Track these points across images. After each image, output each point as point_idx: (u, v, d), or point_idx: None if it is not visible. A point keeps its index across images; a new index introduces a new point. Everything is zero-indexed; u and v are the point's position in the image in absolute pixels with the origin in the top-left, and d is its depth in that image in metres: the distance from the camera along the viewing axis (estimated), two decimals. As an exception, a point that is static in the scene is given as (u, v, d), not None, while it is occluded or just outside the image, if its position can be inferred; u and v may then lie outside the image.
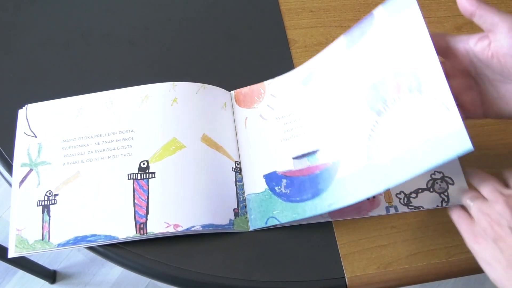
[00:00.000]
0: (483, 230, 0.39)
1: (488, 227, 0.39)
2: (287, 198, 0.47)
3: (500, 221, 0.38)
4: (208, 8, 0.64)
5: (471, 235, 0.40)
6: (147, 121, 0.51)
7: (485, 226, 0.39)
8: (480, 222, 0.40)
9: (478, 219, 0.40)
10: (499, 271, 0.38)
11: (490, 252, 0.38)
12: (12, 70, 0.57)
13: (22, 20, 0.61)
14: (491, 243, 0.38)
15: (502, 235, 0.38)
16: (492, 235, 0.38)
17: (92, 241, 0.46)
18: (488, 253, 0.38)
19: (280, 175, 0.49)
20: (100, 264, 1.14)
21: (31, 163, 0.50)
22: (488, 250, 0.38)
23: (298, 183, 0.48)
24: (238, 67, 0.59)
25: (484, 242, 0.39)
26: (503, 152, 0.54)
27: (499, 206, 0.39)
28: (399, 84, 0.42)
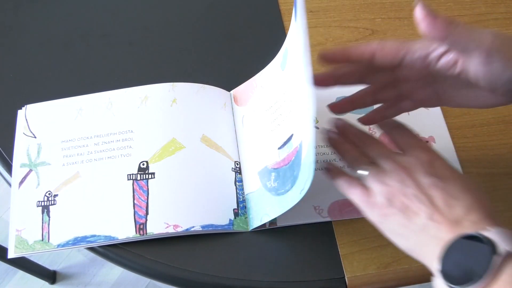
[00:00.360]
0: (388, 200, 0.37)
1: (392, 197, 0.37)
2: (275, 192, 0.46)
3: (404, 190, 0.37)
4: (208, 9, 0.64)
5: (370, 206, 0.38)
6: (146, 122, 0.51)
7: (389, 197, 0.37)
8: (381, 193, 0.38)
9: (377, 190, 0.38)
10: (411, 239, 0.36)
11: (397, 222, 0.37)
12: (12, 71, 0.57)
13: (21, 21, 0.61)
14: (397, 213, 0.37)
15: (409, 204, 0.36)
16: (398, 205, 0.37)
17: (91, 241, 0.46)
18: (396, 223, 0.37)
19: (270, 169, 0.48)
20: (100, 264, 1.14)
21: (30, 164, 0.50)
22: (395, 220, 0.37)
23: (282, 174, 0.46)
24: (238, 67, 0.59)
25: (390, 212, 0.37)
26: (502, 152, 0.54)
27: (398, 174, 0.38)
28: None
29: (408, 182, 0.37)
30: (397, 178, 0.38)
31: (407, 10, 0.65)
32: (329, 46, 0.61)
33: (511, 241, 0.32)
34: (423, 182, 0.37)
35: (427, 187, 0.37)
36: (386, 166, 0.39)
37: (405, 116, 0.56)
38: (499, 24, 0.64)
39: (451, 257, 0.33)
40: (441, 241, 0.34)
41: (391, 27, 0.64)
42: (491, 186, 0.51)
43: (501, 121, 0.56)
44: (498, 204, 0.50)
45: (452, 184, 0.37)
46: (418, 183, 0.37)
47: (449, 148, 0.53)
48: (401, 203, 0.37)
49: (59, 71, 0.57)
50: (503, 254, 0.31)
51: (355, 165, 0.41)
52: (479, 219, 0.35)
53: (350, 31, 0.63)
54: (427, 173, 0.37)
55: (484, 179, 0.52)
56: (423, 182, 0.37)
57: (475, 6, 0.66)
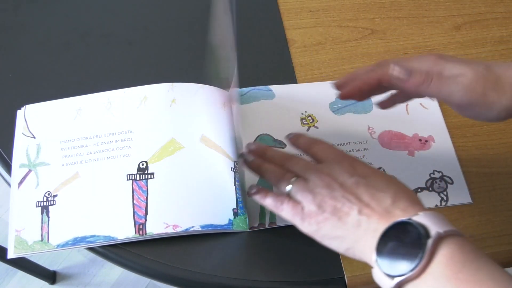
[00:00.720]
0: (318, 207, 0.38)
1: (321, 203, 0.38)
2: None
3: (332, 193, 0.38)
4: (207, 8, 0.64)
5: (302, 218, 0.39)
6: (146, 122, 0.51)
7: (319, 204, 0.38)
8: (309, 203, 0.38)
9: (307, 199, 0.39)
10: (348, 238, 0.37)
11: (332, 225, 0.37)
12: (11, 71, 0.57)
13: (21, 21, 0.61)
14: (330, 217, 0.37)
15: (339, 206, 0.37)
16: (329, 209, 0.37)
17: (91, 242, 0.46)
18: (331, 227, 0.37)
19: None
20: (100, 264, 1.14)
21: (30, 164, 0.50)
22: (329, 224, 0.37)
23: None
24: (238, 67, 0.59)
25: (322, 218, 0.38)
26: (502, 151, 0.54)
27: (322, 180, 0.39)
28: None
29: (334, 185, 0.38)
30: (322, 184, 0.39)
31: (406, 10, 0.65)
32: (328, 46, 0.61)
33: (441, 223, 0.33)
34: (348, 182, 0.38)
35: (352, 186, 0.38)
36: (310, 176, 0.40)
37: (405, 116, 0.56)
38: (499, 23, 0.64)
39: (386, 246, 0.34)
40: (376, 232, 0.35)
41: (391, 26, 0.64)
42: (490, 185, 0.51)
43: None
44: (498, 203, 0.50)
45: (375, 179, 0.38)
46: (343, 184, 0.38)
47: (449, 147, 0.53)
48: (331, 206, 0.38)
49: (58, 71, 0.57)
50: (434, 237, 0.32)
51: (279, 182, 0.41)
52: (407, 206, 0.36)
53: (349, 31, 0.63)
54: (349, 174, 0.39)
55: (483, 178, 0.52)
56: (347, 182, 0.38)
57: (475, 6, 0.66)
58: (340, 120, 0.55)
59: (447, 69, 0.41)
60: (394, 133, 0.54)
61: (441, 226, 0.33)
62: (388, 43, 0.62)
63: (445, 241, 0.33)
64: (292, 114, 0.55)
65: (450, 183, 0.51)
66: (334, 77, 0.58)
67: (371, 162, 0.52)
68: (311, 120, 0.54)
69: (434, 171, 0.52)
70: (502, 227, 0.49)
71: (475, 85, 0.40)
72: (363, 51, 0.61)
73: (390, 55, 0.61)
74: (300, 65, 0.59)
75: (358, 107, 0.56)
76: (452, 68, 0.41)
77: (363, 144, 0.53)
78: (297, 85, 0.57)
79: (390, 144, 0.53)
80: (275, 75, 0.58)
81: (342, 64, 0.60)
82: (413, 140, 0.54)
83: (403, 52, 0.61)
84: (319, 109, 0.55)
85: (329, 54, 0.60)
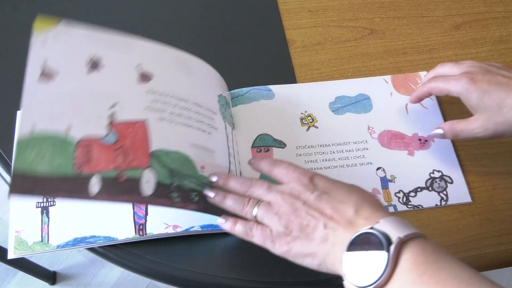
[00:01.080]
0: (285, 228, 0.39)
1: (288, 223, 0.39)
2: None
3: (296, 212, 0.39)
4: (207, 9, 0.65)
5: (273, 241, 0.39)
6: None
7: (285, 224, 0.39)
8: (276, 225, 0.39)
9: (274, 222, 0.39)
10: (318, 253, 0.37)
11: (301, 243, 0.38)
12: (11, 71, 0.57)
13: (21, 21, 0.61)
14: (298, 235, 0.38)
15: (305, 223, 0.38)
16: (296, 227, 0.38)
17: (91, 242, 0.46)
18: (301, 246, 0.38)
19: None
20: (100, 265, 1.14)
21: (30, 165, 0.50)
22: (299, 243, 0.38)
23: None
24: (237, 67, 0.59)
25: (291, 238, 0.38)
26: (502, 151, 0.54)
27: (285, 200, 0.39)
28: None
29: (297, 204, 0.39)
30: (286, 205, 0.39)
31: (405, 10, 0.65)
32: (328, 46, 0.61)
33: (401, 228, 0.34)
34: (310, 198, 0.39)
35: (315, 202, 0.39)
36: (273, 198, 0.40)
37: (404, 115, 0.56)
38: (498, 23, 0.64)
39: (352, 259, 0.35)
40: (343, 244, 0.36)
41: (390, 26, 0.64)
42: (490, 185, 0.52)
43: (500, 120, 0.56)
44: (498, 202, 0.50)
45: (336, 192, 0.39)
46: (306, 201, 0.39)
47: (449, 147, 0.53)
48: (298, 225, 0.38)
49: (58, 71, 0.57)
50: (396, 243, 0.33)
51: (244, 209, 0.42)
52: (370, 213, 0.37)
53: (349, 31, 0.63)
54: (310, 190, 0.39)
55: (483, 177, 0.52)
56: (310, 199, 0.39)
57: (474, 5, 0.66)
58: (340, 120, 0.55)
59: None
60: (393, 132, 0.54)
61: (402, 230, 0.34)
62: (387, 43, 0.62)
63: (408, 245, 0.34)
64: (292, 114, 0.55)
65: (450, 183, 0.51)
66: (333, 77, 0.58)
67: (371, 162, 0.52)
68: (311, 120, 0.54)
69: (434, 171, 0.52)
70: (502, 227, 0.49)
71: (491, 132, 0.46)
72: (362, 51, 0.61)
73: (389, 55, 0.61)
74: (299, 65, 0.59)
75: (357, 107, 0.56)
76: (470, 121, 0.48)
77: (362, 144, 0.53)
78: (296, 85, 0.57)
79: (389, 143, 0.53)
80: (274, 75, 0.58)
81: (342, 64, 0.60)
82: (413, 139, 0.54)
83: (403, 52, 0.61)
84: (319, 109, 0.55)
85: (328, 54, 0.60)
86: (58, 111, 0.39)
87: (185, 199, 0.41)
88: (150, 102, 0.43)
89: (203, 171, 0.44)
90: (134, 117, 0.41)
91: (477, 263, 0.48)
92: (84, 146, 0.39)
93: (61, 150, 0.38)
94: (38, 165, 0.37)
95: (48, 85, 0.39)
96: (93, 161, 0.39)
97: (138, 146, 0.40)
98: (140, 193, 0.39)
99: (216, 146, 0.46)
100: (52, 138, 0.38)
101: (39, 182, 0.36)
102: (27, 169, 0.36)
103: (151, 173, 0.40)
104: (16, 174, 0.36)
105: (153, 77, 0.44)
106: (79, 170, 0.38)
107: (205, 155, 0.44)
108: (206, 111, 0.47)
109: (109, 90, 0.42)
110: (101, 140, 0.40)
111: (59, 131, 0.38)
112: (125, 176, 0.39)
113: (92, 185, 0.38)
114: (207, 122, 0.46)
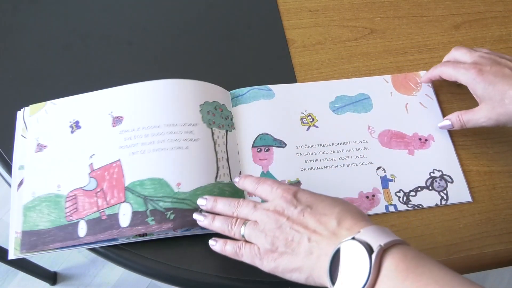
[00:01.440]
0: (271, 245, 0.39)
1: (274, 240, 0.39)
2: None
3: (281, 228, 0.39)
4: (207, 9, 0.65)
5: (261, 258, 0.40)
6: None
7: (271, 241, 0.39)
8: (263, 242, 0.40)
9: (260, 240, 0.40)
10: (304, 267, 0.38)
11: (288, 259, 0.39)
12: (11, 72, 0.57)
13: (21, 22, 0.62)
14: (284, 251, 0.39)
15: (290, 238, 0.39)
16: (282, 243, 0.39)
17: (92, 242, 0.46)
18: (287, 261, 0.39)
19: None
20: (100, 265, 1.14)
21: (30, 165, 0.50)
22: (286, 258, 0.39)
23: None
24: (237, 67, 0.59)
25: (278, 254, 0.39)
26: (502, 150, 0.54)
27: (269, 217, 0.40)
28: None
29: (281, 220, 0.40)
30: (271, 221, 0.40)
31: (405, 9, 0.65)
32: (328, 46, 0.61)
33: (382, 236, 0.35)
34: (294, 214, 0.40)
35: (299, 216, 0.39)
36: (259, 217, 0.41)
37: (404, 115, 0.56)
38: (498, 22, 0.64)
39: (337, 268, 0.35)
40: (327, 256, 0.37)
41: (390, 26, 0.64)
42: (490, 184, 0.52)
43: (500, 119, 0.56)
44: (498, 202, 0.50)
45: (319, 205, 0.40)
46: (290, 217, 0.40)
47: (449, 146, 0.53)
48: (283, 240, 0.39)
49: (59, 72, 0.57)
50: (377, 251, 0.34)
51: (232, 230, 0.42)
52: (352, 224, 0.38)
53: (349, 30, 0.63)
54: (294, 205, 0.40)
55: (483, 177, 0.52)
56: (293, 214, 0.40)
57: (474, 5, 0.66)
58: (340, 119, 0.55)
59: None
60: (394, 132, 0.54)
61: (383, 238, 0.35)
62: (387, 42, 0.62)
63: (389, 252, 0.34)
64: (292, 114, 0.55)
65: (450, 182, 0.51)
66: (333, 76, 0.58)
67: (371, 161, 0.52)
68: (311, 119, 0.54)
69: (434, 170, 0.52)
70: (503, 226, 0.49)
71: (493, 122, 0.49)
72: (362, 51, 0.61)
73: (389, 55, 0.61)
74: (299, 65, 0.59)
75: (358, 107, 0.56)
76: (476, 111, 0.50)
77: (363, 144, 0.53)
78: (296, 85, 0.57)
79: (390, 143, 0.53)
80: (275, 75, 0.58)
81: (342, 63, 0.60)
82: (413, 139, 0.54)
83: (403, 51, 0.61)
84: (319, 108, 0.55)
85: (328, 54, 0.61)
86: (50, 175, 0.48)
87: (161, 221, 0.44)
88: (123, 141, 0.48)
89: (179, 188, 0.46)
90: (110, 158, 0.48)
91: (477, 262, 0.48)
92: (72, 197, 0.46)
93: (55, 205, 0.46)
94: (40, 222, 0.46)
95: (41, 154, 0.49)
96: (79, 209, 0.46)
97: (116, 185, 0.46)
98: (119, 226, 0.44)
99: (196, 157, 0.48)
100: (48, 198, 0.47)
101: (41, 236, 0.45)
102: (32, 226, 0.45)
103: (127, 206, 0.45)
104: (24, 232, 0.45)
105: (124, 117, 0.50)
106: (70, 219, 0.45)
107: (181, 172, 0.47)
108: (181, 127, 0.49)
109: (88, 143, 0.49)
110: (83, 188, 0.47)
111: (52, 191, 0.47)
112: (106, 214, 0.45)
113: (80, 228, 0.45)
114: (183, 138, 0.48)
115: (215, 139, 0.50)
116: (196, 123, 0.50)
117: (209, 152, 0.49)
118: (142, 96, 0.51)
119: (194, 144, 0.48)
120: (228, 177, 0.49)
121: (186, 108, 0.50)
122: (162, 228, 0.44)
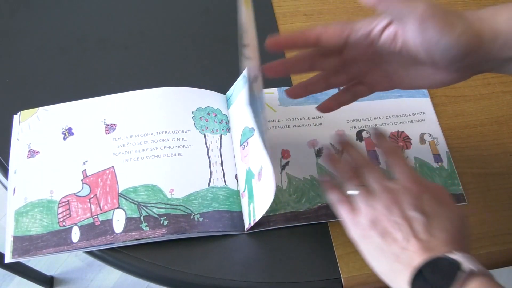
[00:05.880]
0: (371, 223, 0.38)
1: (375, 220, 0.38)
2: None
3: (388, 216, 0.38)
4: (203, 13, 0.65)
5: (354, 225, 0.40)
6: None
7: (373, 220, 0.38)
8: (366, 215, 0.39)
9: (364, 211, 0.39)
10: (385, 265, 0.37)
11: (376, 245, 0.38)
12: (8, 76, 0.57)
13: (18, 26, 0.62)
14: (377, 237, 0.38)
15: (390, 230, 0.37)
16: (379, 229, 0.38)
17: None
18: (374, 246, 0.38)
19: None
20: (97, 269, 1.14)
21: (27, 169, 0.50)
22: (374, 243, 0.38)
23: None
24: (233, 70, 0.59)
25: (370, 234, 0.38)
26: (496, 152, 0.54)
27: (386, 200, 0.39)
28: None
29: (394, 209, 0.38)
30: (383, 203, 0.39)
31: (400, 13, 0.66)
32: (323, 49, 0.61)
33: (474, 263, 0.34)
34: (409, 213, 0.38)
35: (411, 219, 0.38)
36: (376, 191, 0.40)
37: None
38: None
39: (420, 279, 0.34)
40: (413, 268, 0.35)
41: (385, 29, 0.64)
42: (484, 186, 0.52)
43: (494, 122, 0.56)
44: (492, 204, 0.51)
45: (437, 219, 0.37)
46: (403, 213, 0.38)
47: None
48: (383, 228, 0.38)
49: (55, 76, 0.58)
50: (467, 271, 0.33)
51: (347, 184, 0.42)
52: (452, 248, 0.36)
53: (344, 34, 0.63)
54: (413, 205, 0.38)
55: (477, 179, 0.52)
56: (408, 213, 0.38)
57: (468, 8, 0.67)
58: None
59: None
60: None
61: (474, 264, 0.34)
62: (382, 46, 0.62)
63: (474, 278, 0.33)
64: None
65: (446, 184, 0.51)
66: (329, 80, 0.58)
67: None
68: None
69: (429, 172, 0.52)
70: (497, 227, 0.49)
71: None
72: (357, 54, 0.61)
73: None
74: (295, 68, 0.59)
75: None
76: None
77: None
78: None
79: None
80: (270, 79, 0.58)
81: (337, 67, 0.60)
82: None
83: (397, 54, 0.62)
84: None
85: (324, 57, 0.61)
86: (43, 181, 0.48)
87: (154, 226, 0.45)
88: (116, 148, 0.49)
89: (172, 194, 0.47)
90: (103, 165, 0.48)
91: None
92: (65, 203, 0.47)
93: (48, 211, 0.46)
94: (32, 227, 0.46)
95: (33, 160, 0.49)
96: (72, 214, 0.46)
97: (109, 191, 0.47)
98: (113, 231, 0.45)
99: (188, 164, 0.49)
100: (40, 204, 0.47)
101: (33, 241, 0.45)
102: (24, 232, 0.45)
103: (120, 212, 0.46)
104: (16, 237, 0.45)
105: (117, 125, 0.51)
106: (63, 224, 0.46)
107: (174, 178, 0.48)
108: (174, 134, 0.50)
109: (81, 149, 0.50)
110: (76, 193, 0.47)
111: (45, 197, 0.47)
112: (99, 219, 0.46)
113: (73, 233, 0.45)
114: (176, 145, 0.49)
115: (208, 144, 0.50)
116: (188, 129, 0.50)
117: (202, 158, 0.49)
118: (135, 104, 0.52)
119: (186, 150, 0.49)
120: (222, 181, 0.49)
121: (178, 115, 0.51)
122: (156, 234, 0.45)
